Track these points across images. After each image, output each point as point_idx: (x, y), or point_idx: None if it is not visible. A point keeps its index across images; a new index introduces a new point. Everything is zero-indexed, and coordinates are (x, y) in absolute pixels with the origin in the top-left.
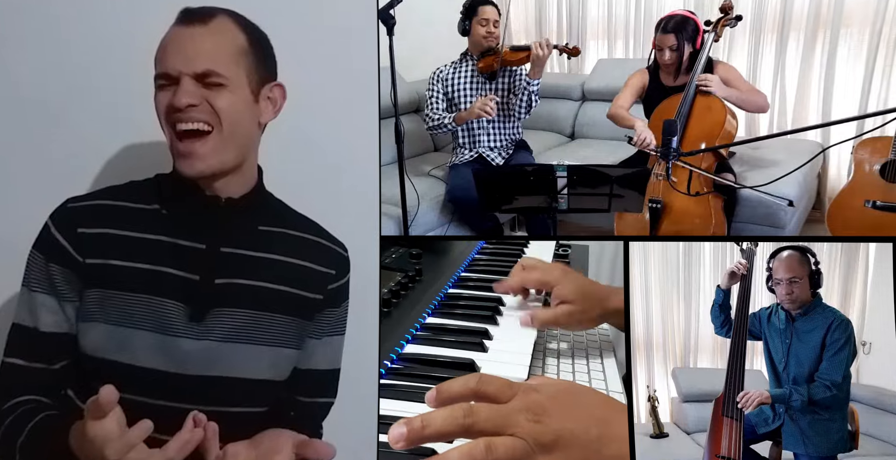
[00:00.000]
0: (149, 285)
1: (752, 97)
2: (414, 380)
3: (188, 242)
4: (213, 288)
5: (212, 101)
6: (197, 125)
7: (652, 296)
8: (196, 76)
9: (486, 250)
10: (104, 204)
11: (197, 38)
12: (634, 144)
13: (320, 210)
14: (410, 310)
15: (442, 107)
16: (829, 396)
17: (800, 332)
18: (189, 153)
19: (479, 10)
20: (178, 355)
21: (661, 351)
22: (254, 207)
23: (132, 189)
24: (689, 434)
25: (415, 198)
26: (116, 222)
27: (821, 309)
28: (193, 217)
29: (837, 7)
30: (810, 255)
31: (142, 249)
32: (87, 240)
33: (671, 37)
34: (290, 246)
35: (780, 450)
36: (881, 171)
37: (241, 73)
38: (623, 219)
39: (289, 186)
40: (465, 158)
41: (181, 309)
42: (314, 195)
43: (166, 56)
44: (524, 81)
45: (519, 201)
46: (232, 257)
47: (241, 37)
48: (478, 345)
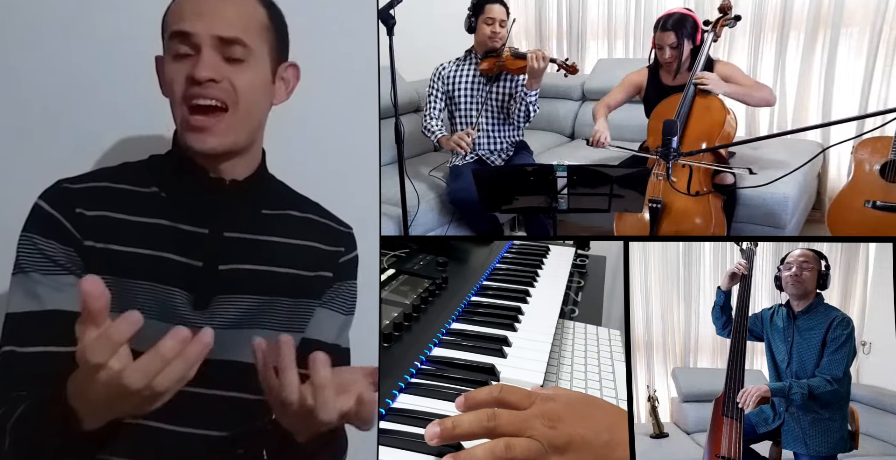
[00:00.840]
0: (151, 272)
1: (757, 92)
2: (441, 381)
3: (190, 227)
4: (217, 274)
5: (232, 79)
6: (214, 102)
7: (652, 296)
8: (221, 42)
9: (507, 259)
10: (100, 186)
11: (218, 7)
12: (591, 144)
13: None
14: (438, 315)
15: (440, 107)
16: (830, 391)
17: (802, 330)
18: (202, 127)
19: (486, 8)
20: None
21: (661, 351)
22: (257, 190)
23: (128, 171)
24: (689, 434)
25: (415, 198)
26: (114, 205)
27: (822, 307)
28: (195, 200)
29: (838, 7)
30: (823, 259)
31: (142, 234)
32: (86, 222)
33: (670, 34)
34: (294, 227)
35: (780, 450)
36: (881, 171)
37: (264, 47)
38: (623, 219)
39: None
40: (465, 159)
41: (185, 296)
42: (314, 195)
43: (184, 17)
44: (522, 91)
45: (519, 201)
46: (236, 242)
47: (261, 11)
48: (498, 351)
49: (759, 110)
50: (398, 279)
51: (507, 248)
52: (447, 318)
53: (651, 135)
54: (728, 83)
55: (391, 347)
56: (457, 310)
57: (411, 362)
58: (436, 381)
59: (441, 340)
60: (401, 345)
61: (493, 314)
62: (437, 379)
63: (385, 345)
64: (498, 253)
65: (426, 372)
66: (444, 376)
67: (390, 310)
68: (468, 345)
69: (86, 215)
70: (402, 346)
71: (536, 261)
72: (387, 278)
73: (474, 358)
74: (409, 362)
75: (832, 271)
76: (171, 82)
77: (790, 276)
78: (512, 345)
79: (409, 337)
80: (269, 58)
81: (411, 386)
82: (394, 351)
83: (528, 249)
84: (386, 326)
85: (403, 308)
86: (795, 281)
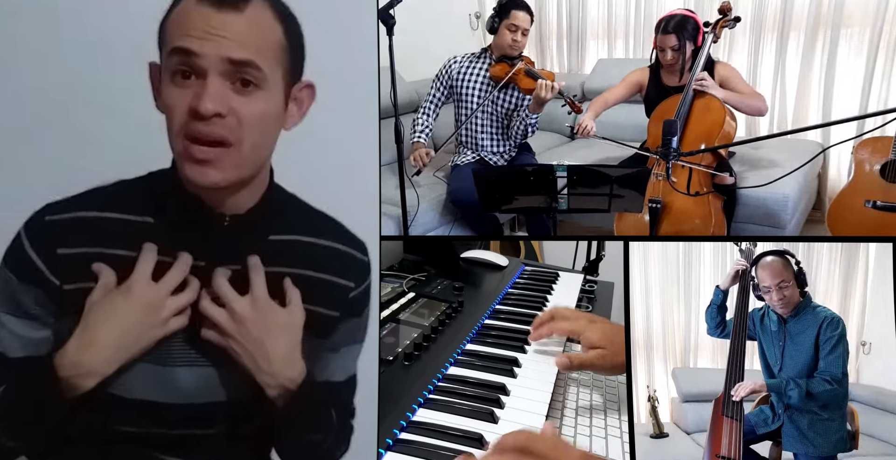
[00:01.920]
0: None
1: (750, 101)
2: (456, 397)
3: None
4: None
5: (239, 111)
6: (217, 138)
7: (652, 296)
8: (231, 65)
9: (519, 285)
10: (88, 217)
11: (229, 24)
12: (575, 133)
13: (320, 210)
14: (454, 337)
15: (438, 100)
16: (828, 390)
17: (792, 334)
18: (204, 160)
19: (511, 13)
20: (174, 385)
21: (661, 351)
22: (263, 217)
23: (121, 193)
24: (689, 434)
25: (415, 198)
26: (102, 239)
27: (811, 309)
28: (192, 233)
29: (838, 7)
30: (790, 257)
31: (129, 268)
32: (67, 262)
33: (672, 37)
34: (302, 256)
35: (780, 450)
36: (881, 171)
37: (278, 71)
38: (623, 219)
39: (288, 186)
40: (467, 159)
41: (178, 334)
42: (314, 195)
43: (189, 32)
44: (524, 110)
45: (519, 201)
46: (235, 274)
47: (277, 28)
48: (508, 372)
49: None
50: (418, 302)
51: (519, 274)
52: (462, 339)
53: (651, 136)
54: (724, 89)
55: (411, 366)
56: (471, 333)
57: (429, 380)
58: (451, 398)
59: (457, 360)
60: (420, 364)
61: (504, 337)
62: (453, 396)
63: (405, 363)
64: (510, 278)
65: (443, 389)
66: (460, 393)
67: (410, 331)
68: (481, 365)
69: (67, 255)
70: (421, 365)
71: (546, 286)
72: (407, 301)
73: (487, 377)
74: (428, 380)
75: (832, 271)
76: (169, 108)
77: (777, 301)
78: (521, 366)
79: (427, 356)
80: (283, 82)
81: (429, 401)
82: (413, 370)
83: (538, 275)
84: (406, 346)
85: (422, 329)
86: (782, 303)
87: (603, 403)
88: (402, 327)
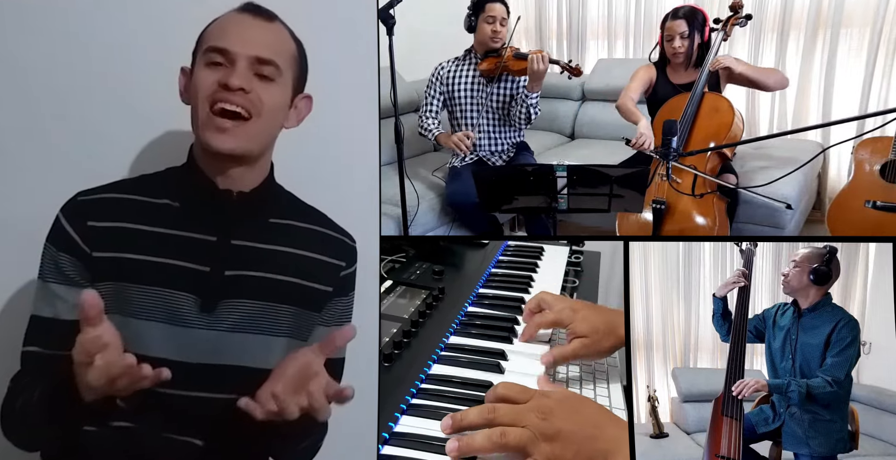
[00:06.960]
0: (160, 277)
1: (771, 73)
2: (441, 401)
3: (199, 235)
4: (223, 279)
5: (260, 92)
6: (239, 109)
7: (652, 296)
8: (256, 61)
9: (502, 264)
10: (114, 197)
11: (259, 29)
12: (632, 146)
13: (320, 209)
14: (436, 329)
15: (437, 108)
16: (829, 392)
17: (806, 328)
18: (224, 129)
19: (486, 6)
20: (188, 345)
21: (661, 351)
22: (264, 200)
23: (143, 183)
24: (689, 434)
25: (414, 199)
26: (126, 216)
27: (830, 307)
28: (205, 210)
29: (838, 7)
30: (827, 254)
31: (152, 242)
32: (97, 234)
33: (682, 22)
34: (299, 238)
35: (780, 450)
36: (881, 171)
37: (290, 73)
38: (626, 219)
39: (289, 186)
40: (465, 160)
41: (192, 300)
42: (314, 195)
43: (226, 35)
44: (523, 93)
45: (519, 201)
46: (242, 249)
47: (293, 44)
48: (495, 367)
49: (759, 110)
50: (396, 291)
51: (502, 251)
52: (445, 332)
53: (654, 135)
54: (743, 62)
55: (392, 367)
56: (454, 323)
57: (412, 382)
58: (436, 402)
59: (440, 356)
60: (401, 364)
61: (490, 326)
62: (438, 399)
63: (385, 364)
64: (493, 257)
65: (427, 391)
66: (444, 395)
67: (389, 326)
68: (466, 361)
69: (97, 227)
70: (403, 365)
71: (531, 264)
72: (385, 290)
73: (472, 375)
74: (410, 382)
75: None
76: (198, 86)
77: (781, 276)
78: (509, 360)
79: (408, 354)
80: (292, 84)
81: (412, 407)
82: (394, 371)
83: (522, 252)
84: (386, 345)
85: (402, 323)
86: (783, 281)
87: (593, 394)
88: (382, 322)
